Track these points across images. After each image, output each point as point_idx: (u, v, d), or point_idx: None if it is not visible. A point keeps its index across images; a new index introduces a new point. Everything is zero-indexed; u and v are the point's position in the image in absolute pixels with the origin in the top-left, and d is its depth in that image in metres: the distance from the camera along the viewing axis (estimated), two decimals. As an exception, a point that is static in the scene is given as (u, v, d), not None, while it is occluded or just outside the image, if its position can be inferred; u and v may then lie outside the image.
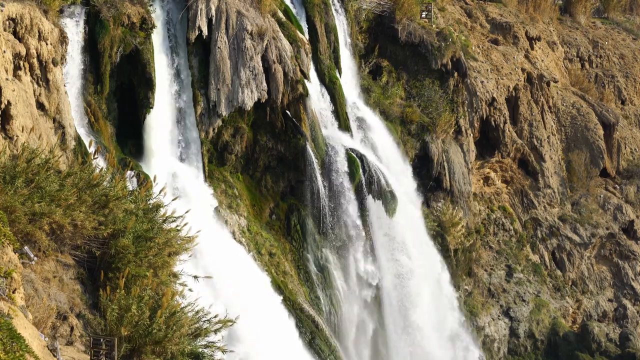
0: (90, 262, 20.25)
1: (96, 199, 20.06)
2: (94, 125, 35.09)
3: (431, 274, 47.65)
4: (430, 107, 50.59)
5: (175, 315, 18.26)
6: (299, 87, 41.44)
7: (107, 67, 35.52)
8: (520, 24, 62.43)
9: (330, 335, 40.46)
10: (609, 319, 57.76)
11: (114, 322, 17.82)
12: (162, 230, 20.77)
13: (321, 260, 42.53)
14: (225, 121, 40.02)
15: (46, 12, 31.09)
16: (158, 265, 20.17)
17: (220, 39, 39.21)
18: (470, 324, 50.97)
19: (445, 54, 51.15)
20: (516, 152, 57.08)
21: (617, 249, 59.67)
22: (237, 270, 36.07)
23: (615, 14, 75.23)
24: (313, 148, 42.07)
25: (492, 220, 55.88)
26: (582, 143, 61.27)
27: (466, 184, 51.94)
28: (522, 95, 57.93)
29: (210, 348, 19.33)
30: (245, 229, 40.24)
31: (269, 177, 42.53)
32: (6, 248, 16.05)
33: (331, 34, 46.38)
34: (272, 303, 37.58)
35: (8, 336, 13.27)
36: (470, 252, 52.85)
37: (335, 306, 42.34)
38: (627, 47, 70.82)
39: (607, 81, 67.78)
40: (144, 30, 36.74)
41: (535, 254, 56.90)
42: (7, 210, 17.81)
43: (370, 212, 43.74)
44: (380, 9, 51.63)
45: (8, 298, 14.94)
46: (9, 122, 26.80)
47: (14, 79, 28.02)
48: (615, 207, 60.54)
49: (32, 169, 19.44)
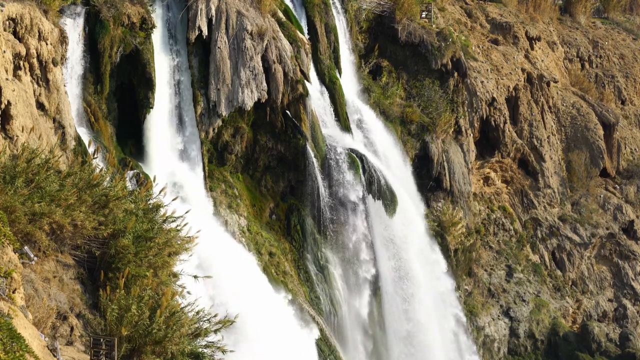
0: (90, 262, 20.24)
1: (96, 199, 20.06)
2: (94, 125, 35.09)
3: (431, 273, 47.65)
4: (430, 107, 50.59)
5: (175, 315, 18.26)
6: (299, 87, 41.44)
7: (107, 67, 35.52)
8: (520, 24, 62.43)
9: (330, 335, 40.46)
10: (609, 319, 57.77)
11: (114, 322, 17.81)
12: (162, 230, 20.77)
13: (321, 260, 42.54)
14: (225, 121, 40.01)
15: (46, 12, 31.09)
16: (158, 265, 20.16)
17: (220, 39, 39.21)
18: (470, 324, 50.97)
19: (445, 54, 51.15)
20: (516, 152, 57.08)
21: (617, 249, 59.67)
22: (237, 270, 36.05)
23: (615, 14, 75.23)
24: (313, 148, 42.07)
25: (492, 220, 55.88)
26: (582, 143, 61.27)
27: (466, 184, 51.94)
28: (522, 95, 57.93)
29: (210, 348, 19.32)
30: (245, 229, 40.24)
31: (269, 177, 42.53)
32: (6, 248, 16.05)
33: (331, 34, 46.38)
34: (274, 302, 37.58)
35: (8, 336, 13.26)
36: (470, 252, 52.85)
37: (335, 306, 42.34)
38: (627, 47, 70.82)
39: (607, 81, 67.78)
40: (144, 30, 36.74)
41: (535, 254, 56.91)
42: (7, 210, 17.81)
43: (370, 212, 43.74)
44: (380, 9, 51.63)
45: (8, 298, 14.94)
46: (9, 122, 26.79)
47: (14, 79, 28.02)
48: (615, 207, 60.54)
49: (32, 169, 19.43)
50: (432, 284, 47.50)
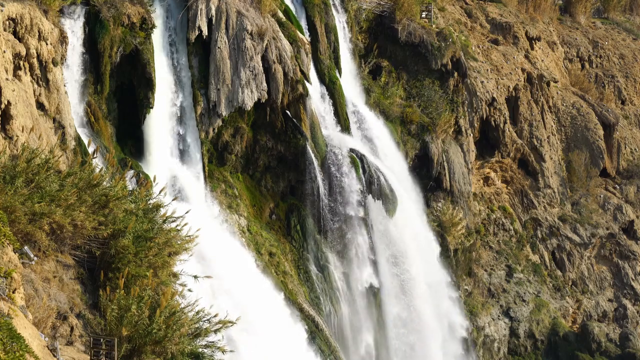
0: (90, 262, 20.25)
1: (96, 199, 20.07)
2: (94, 125, 35.08)
3: (431, 273, 47.64)
4: (430, 107, 50.58)
5: (175, 315, 18.27)
6: (299, 87, 41.44)
7: (107, 67, 35.52)
8: (520, 24, 62.42)
9: (330, 335, 40.45)
10: (609, 319, 57.76)
11: (114, 322, 17.83)
12: (162, 230, 20.78)
13: (321, 260, 42.54)
14: (225, 121, 40.02)
15: (46, 12, 31.09)
16: (158, 265, 20.18)
17: (220, 39, 39.21)
18: (470, 324, 50.97)
19: (445, 54, 51.14)
20: (516, 152, 57.08)
21: (617, 249, 59.66)
22: (236, 270, 36.06)
23: (615, 14, 75.20)
24: (313, 148, 42.07)
25: (492, 220, 55.87)
26: (582, 143, 61.27)
27: (466, 184, 51.94)
28: (522, 95, 57.92)
29: (210, 348, 19.33)
30: (245, 229, 40.24)
31: (269, 177, 42.53)
32: (6, 248, 16.05)
33: (331, 34, 46.38)
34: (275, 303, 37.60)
35: (8, 336, 13.27)
36: (470, 252, 52.85)
37: (335, 306, 42.34)
38: (627, 47, 70.81)
39: (607, 81, 67.77)
40: (144, 30, 36.73)
41: (535, 254, 56.90)
42: (7, 210, 17.81)
43: (370, 212, 43.75)
44: (380, 9, 51.62)
45: (8, 298, 14.94)
46: (9, 122, 26.79)
47: (14, 79, 28.02)
48: (615, 207, 60.54)
49: (32, 169, 19.44)
50: (432, 284, 47.48)
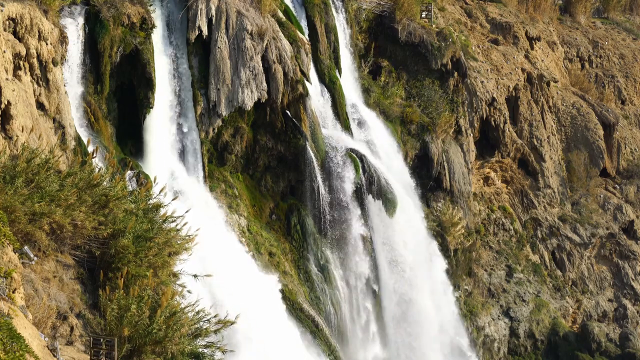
0: (90, 262, 20.25)
1: (96, 199, 20.07)
2: (94, 125, 35.08)
3: (431, 273, 47.65)
4: (430, 107, 50.58)
5: (175, 315, 18.27)
6: (299, 87, 41.44)
7: (107, 67, 35.52)
8: (520, 24, 62.42)
9: (330, 335, 40.46)
10: (609, 319, 57.76)
11: (114, 322, 17.83)
12: (162, 230, 20.78)
13: (321, 260, 42.55)
14: (225, 121, 40.02)
15: (46, 12, 31.08)
16: (158, 265, 20.18)
17: (220, 39, 39.21)
18: (470, 324, 50.97)
19: (445, 54, 51.14)
20: (516, 152, 57.07)
21: (617, 249, 59.66)
22: (237, 270, 36.06)
23: (615, 14, 75.20)
24: (313, 148, 42.07)
25: (492, 220, 55.87)
26: (582, 143, 61.27)
27: (466, 184, 51.94)
28: (522, 95, 57.92)
29: (210, 348, 19.33)
30: (245, 229, 40.24)
31: (269, 177, 42.53)
32: (6, 248, 16.05)
33: (331, 34, 46.38)
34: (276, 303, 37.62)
35: (8, 336, 13.27)
36: (470, 252, 52.84)
37: (335, 306, 42.34)
38: (627, 47, 70.81)
39: (607, 81, 67.77)
40: (144, 30, 36.73)
41: (535, 254, 56.90)
42: (7, 210, 17.81)
43: (370, 212, 43.75)
44: (380, 9, 51.62)
45: (8, 298, 14.94)
46: (9, 122, 26.79)
47: (14, 79, 28.02)
48: (615, 207, 60.54)
49: (32, 169, 19.44)
50: (432, 284, 47.50)
